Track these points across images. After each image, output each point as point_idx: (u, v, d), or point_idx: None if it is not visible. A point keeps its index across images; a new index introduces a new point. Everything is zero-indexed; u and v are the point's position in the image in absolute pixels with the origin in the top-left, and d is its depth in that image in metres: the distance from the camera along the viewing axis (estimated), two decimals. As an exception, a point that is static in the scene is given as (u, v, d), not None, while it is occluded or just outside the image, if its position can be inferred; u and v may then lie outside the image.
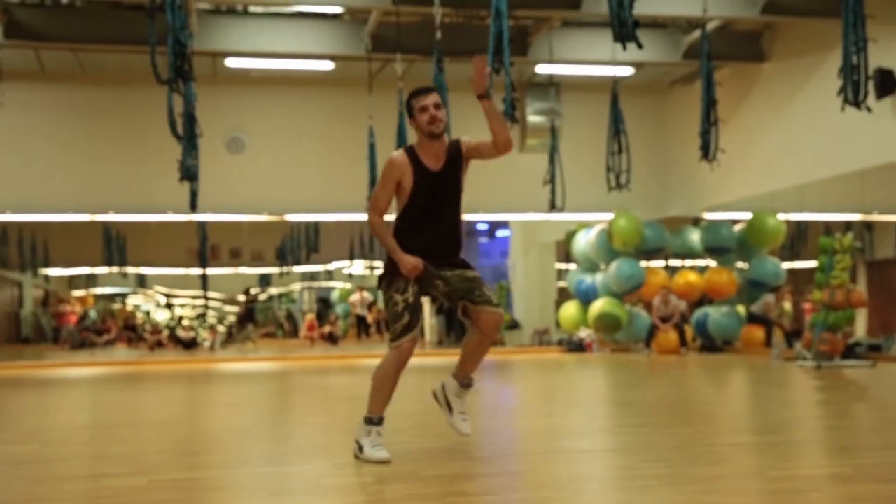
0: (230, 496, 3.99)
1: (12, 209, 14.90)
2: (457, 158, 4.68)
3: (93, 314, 25.39)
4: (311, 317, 24.05)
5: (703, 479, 4.01)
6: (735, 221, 15.97)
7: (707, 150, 11.16)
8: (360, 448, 4.57)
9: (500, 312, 4.67)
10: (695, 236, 15.97)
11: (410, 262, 4.53)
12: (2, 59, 12.85)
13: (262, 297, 27.70)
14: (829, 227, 16.93)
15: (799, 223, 18.21)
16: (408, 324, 4.57)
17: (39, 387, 10.71)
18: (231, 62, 14.05)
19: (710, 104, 11.10)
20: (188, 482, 4.23)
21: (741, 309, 15.51)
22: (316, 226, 21.46)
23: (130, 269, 24.68)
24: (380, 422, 4.63)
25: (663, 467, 4.26)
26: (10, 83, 12.98)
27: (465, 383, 4.81)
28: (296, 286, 28.39)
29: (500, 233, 20.30)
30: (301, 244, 22.51)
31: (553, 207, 13.40)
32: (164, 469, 4.59)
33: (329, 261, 23.20)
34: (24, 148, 14.71)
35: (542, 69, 14.52)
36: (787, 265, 16.85)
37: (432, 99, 4.62)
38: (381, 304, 21.48)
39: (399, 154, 4.68)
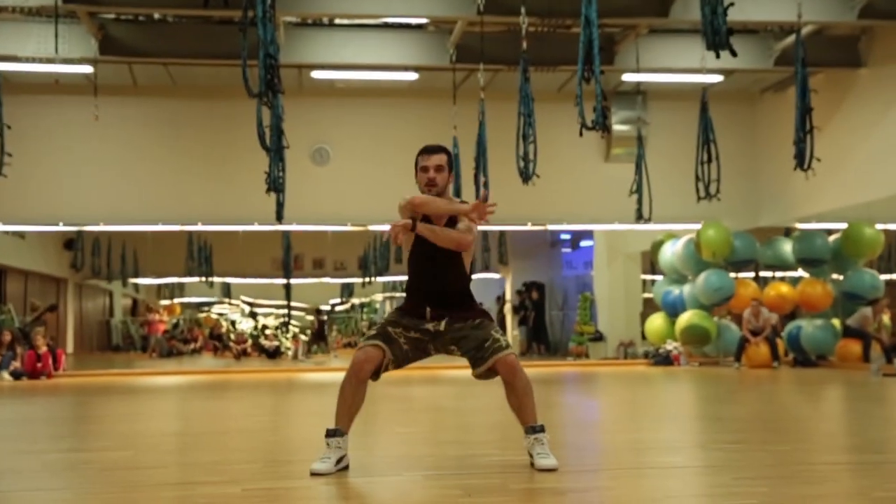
0: None
1: (104, 220, 15.31)
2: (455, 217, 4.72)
3: (180, 323, 25.94)
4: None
5: (804, 498, 3.87)
6: (829, 232, 15.54)
7: (802, 159, 10.82)
8: None
9: (510, 354, 4.62)
10: (787, 247, 15.56)
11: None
12: (97, 74, 13.22)
13: (340, 308, 27.86)
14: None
15: (898, 233, 17.61)
16: (369, 337, 4.66)
17: (130, 394, 10.93)
18: (317, 74, 14.21)
19: (805, 112, 10.77)
20: (280, 491, 4.23)
21: (836, 322, 15.04)
22: (398, 236, 21.50)
23: (216, 279, 25.16)
24: (332, 433, 4.74)
25: (761, 486, 4.12)
26: (104, 97, 13.34)
27: (529, 429, 4.69)
28: (378, 296, 28.54)
29: (584, 243, 20.06)
30: (383, 254, 22.62)
31: (640, 218, 13.17)
32: (256, 478, 4.60)
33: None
34: (116, 160, 15.12)
35: (629, 77, 14.34)
36: (884, 277, 16.29)
37: (434, 161, 4.72)
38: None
39: (408, 197, 4.75)
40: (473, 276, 21.20)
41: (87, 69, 13.25)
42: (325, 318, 21.65)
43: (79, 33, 12.54)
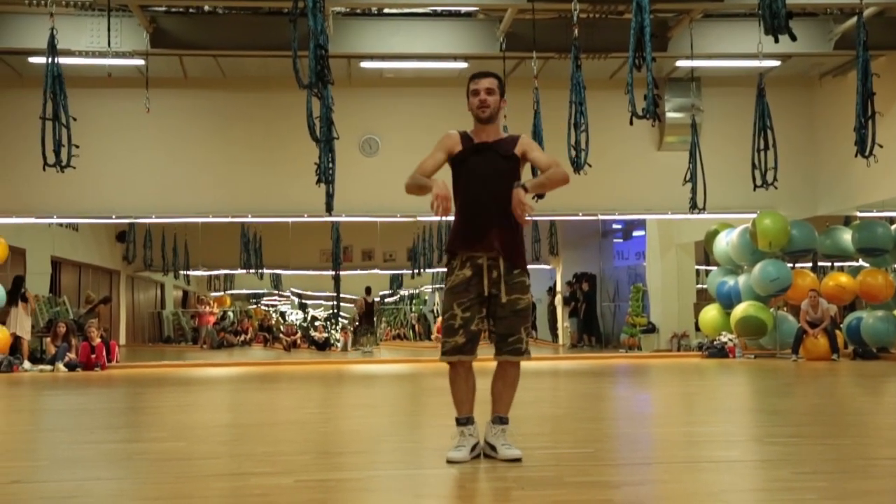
0: (375, 498, 3.97)
1: (156, 212, 15.46)
2: (509, 147, 4.72)
3: (230, 315, 26.13)
4: (441, 319, 24.07)
5: (864, 494, 3.79)
6: (892, 220, 15.18)
7: (863, 146, 10.51)
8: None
9: (518, 363, 4.64)
10: (846, 236, 15.19)
11: (440, 185, 4.53)
12: (149, 66, 13.33)
13: (390, 300, 27.81)
14: None
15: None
16: (461, 346, 4.55)
17: (182, 385, 11.01)
18: (366, 64, 14.19)
19: (866, 96, 10.45)
20: (333, 483, 4.24)
21: (899, 313, 14.66)
22: (448, 226, 21.43)
23: (266, 271, 25.27)
24: (464, 422, 4.64)
25: (821, 480, 4.06)
26: (155, 90, 13.44)
27: (497, 419, 4.69)
28: (427, 287, 28.49)
29: (636, 233, 19.81)
30: (433, 245, 22.58)
31: (693, 207, 12.93)
32: (308, 469, 4.60)
33: (460, 262, 23.16)
34: (167, 153, 15.25)
35: (683, 64, 14.09)
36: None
37: (485, 83, 4.74)
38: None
39: (453, 131, 4.84)
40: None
41: (139, 62, 13.37)
42: (373, 299, 21.57)
43: (131, 26, 12.65)
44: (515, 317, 4.59)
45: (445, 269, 4.77)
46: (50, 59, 10.82)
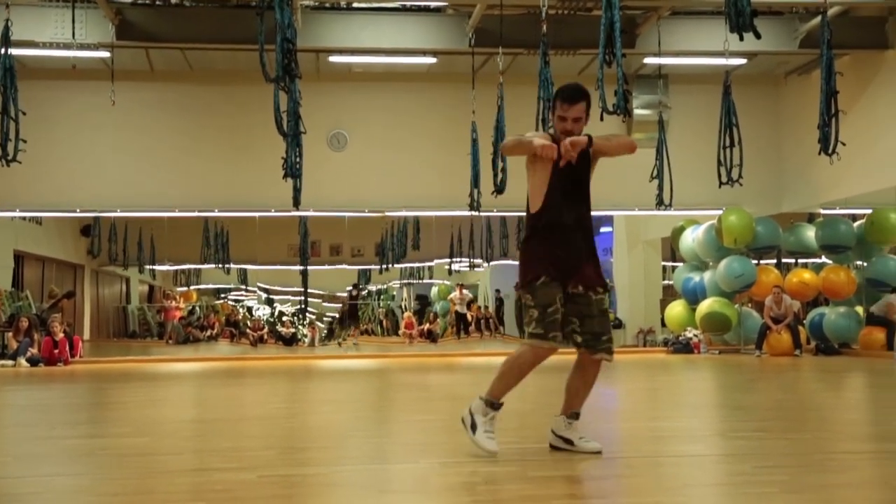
0: (340, 493, 3.95)
1: (121, 206, 15.30)
2: (585, 155, 4.68)
3: (197, 310, 25.93)
4: (408, 314, 24.09)
5: (824, 487, 3.85)
6: (854, 217, 15.34)
7: (826, 144, 10.61)
8: (473, 427, 4.54)
9: (598, 364, 4.64)
10: (810, 233, 15.37)
11: (540, 141, 4.50)
12: (114, 59, 13.17)
13: (364, 293, 27.80)
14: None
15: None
16: (543, 333, 4.48)
17: (147, 381, 10.93)
18: (335, 58, 14.14)
19: (830, 95, 10.55)
20: (297, 478, 4.22)
21: (860, 309, 14.84)
22: (416, 222, 21.48)
23: (233, 266, 25.09)
24: (498, 407, 4.61)
25: (781, 474, 4.09)
26: (121, 83, 13.29)
27: (573, 414, 4.71)
28: (395, 283, 28.47)
29: (604, 229, 19.91)
30: (401, 241, 22.55)
31: (660, 204, 13.01)
32: (272, 465, 4.57)
33: (430, 258, 23.16)
34: (133, 146, 15.09)
35: (651, 60, 14.16)
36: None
37: (574, 112, 4.63)
38: (481, 302, 21.36)
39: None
40: (492, 264, 21.17)
41: (105, 54, 13.23)
42: (358, 296, 21.52)
43: (96, 18, 12.49)
44: (603, 316, 4.60)
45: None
46: (3, 51, 10.64)
